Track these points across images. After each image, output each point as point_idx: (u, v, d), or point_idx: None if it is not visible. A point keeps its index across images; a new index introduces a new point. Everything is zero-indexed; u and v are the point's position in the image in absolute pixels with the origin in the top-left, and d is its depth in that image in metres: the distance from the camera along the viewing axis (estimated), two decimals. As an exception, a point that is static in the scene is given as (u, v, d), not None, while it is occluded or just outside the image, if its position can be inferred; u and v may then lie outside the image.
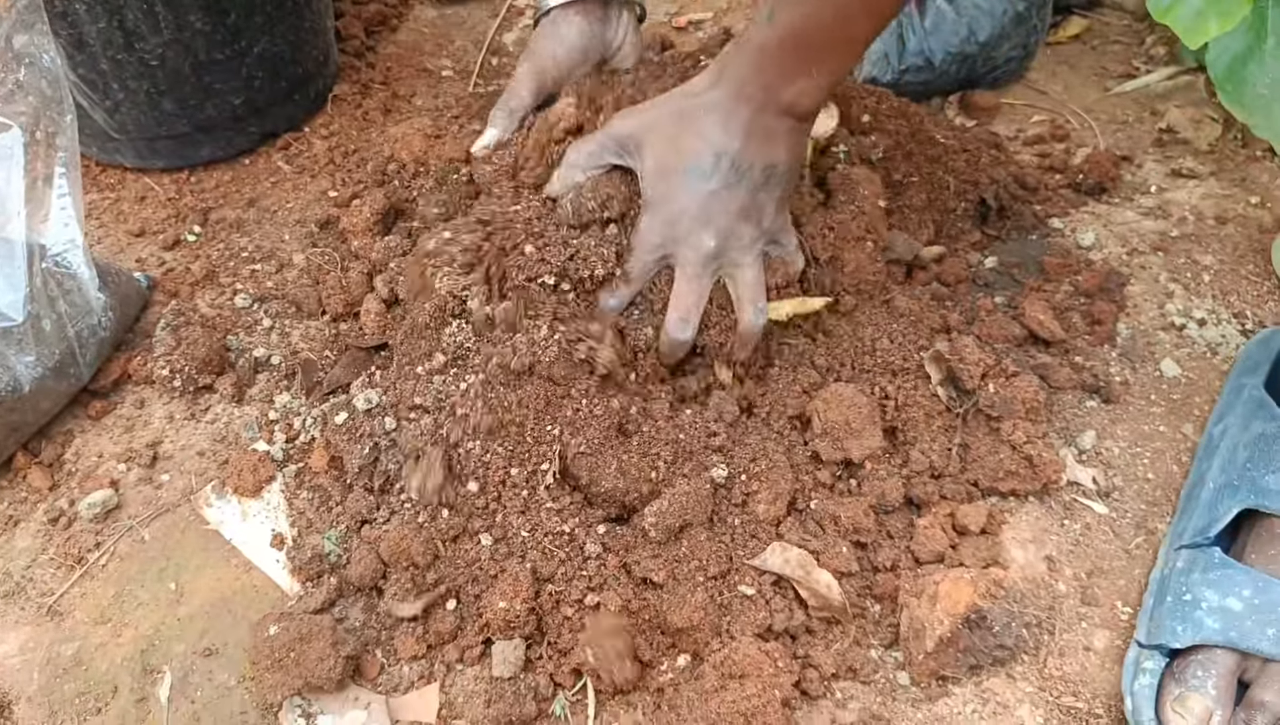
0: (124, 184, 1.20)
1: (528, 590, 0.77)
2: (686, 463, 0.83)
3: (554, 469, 0.80)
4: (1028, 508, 0.86)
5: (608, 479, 0.81)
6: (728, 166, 0.80)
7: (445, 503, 0.80)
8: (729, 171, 0.81)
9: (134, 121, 1.13)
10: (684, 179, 0.81)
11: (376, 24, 1.42)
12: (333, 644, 0.75)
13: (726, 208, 0.82)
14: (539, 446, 0.81)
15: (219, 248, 1.10)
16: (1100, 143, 1.21)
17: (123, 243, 1.13)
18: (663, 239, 0.84)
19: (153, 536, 0.88)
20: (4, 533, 0.88)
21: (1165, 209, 1.12)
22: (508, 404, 0.80)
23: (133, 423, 0.95)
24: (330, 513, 0.86)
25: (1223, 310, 1.01)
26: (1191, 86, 1.28)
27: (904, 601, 0.79)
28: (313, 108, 1.27)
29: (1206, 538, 0.78)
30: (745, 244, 0.83)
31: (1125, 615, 0.80)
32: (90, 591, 0.85)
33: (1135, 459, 0.90)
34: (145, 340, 1.00)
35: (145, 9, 1.04)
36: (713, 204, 0.81)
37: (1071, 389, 0.94)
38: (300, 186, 1.18)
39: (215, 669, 0.80)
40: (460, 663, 0.79)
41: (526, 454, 0.81)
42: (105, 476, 0.91)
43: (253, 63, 1.15)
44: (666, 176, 0.82)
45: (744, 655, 0.73)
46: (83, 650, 0.81)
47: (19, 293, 0.87)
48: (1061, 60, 1.35)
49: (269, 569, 0.85)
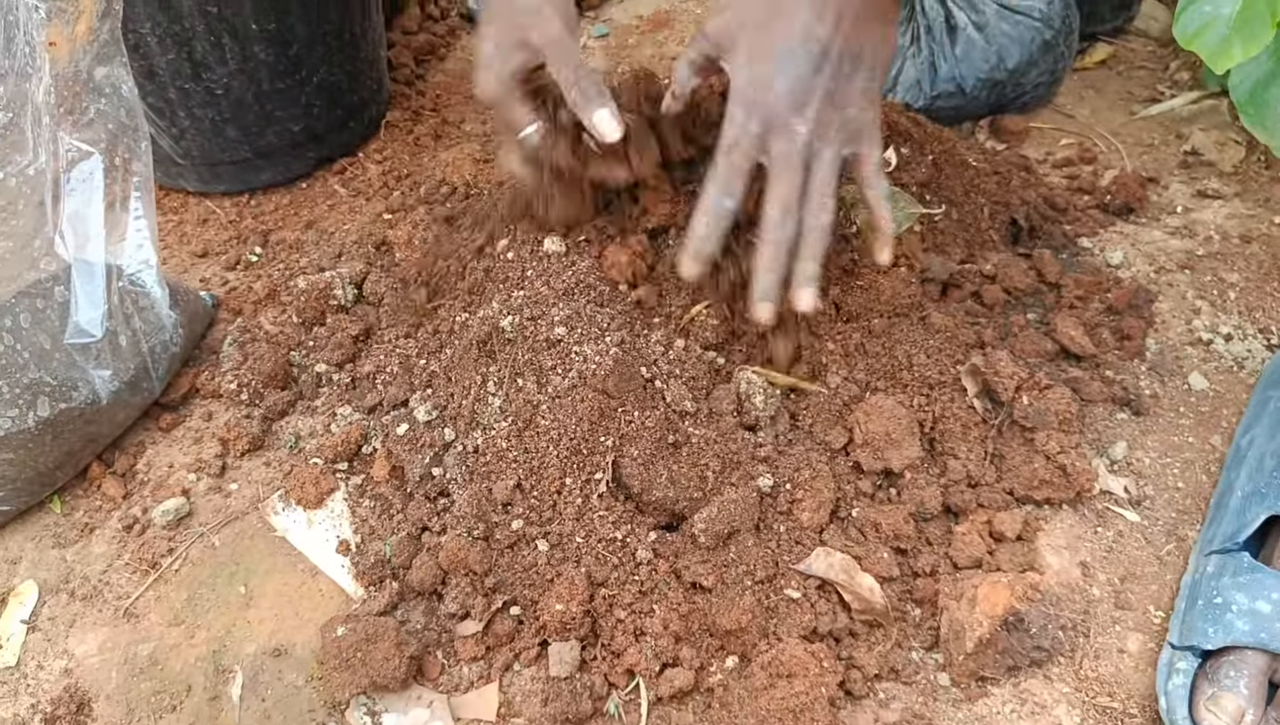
0: (186, 207, 1.25)
1: (583, 594, 0.80)
2: (734, 472, 0.86)
3: (607, 478, 0.84)
4: (1062, 515, 0.89)
5: (659, 488, 0.84)
6: (818, 50, 0.79)
7: (504, 510, 0.84)
8: (819, 55, 0.79)
9: (199, 148, 1.18)
10: (775, 64, 0.80)
11: (426, 53, 1.47)
12: (397, 645, 0.79)
13: (816, 93, 0.80)
14: (593, 457, 0.85)
15: (279, 267, 1.15)
16: (1127, 165, 1.24)
17: (186, 263, 1.18)
18: (759, 129, 0.81)
19: (223, 542, 0.92)
20: (81, 539, 0.93)
21: (1191, 228, 1.15)
22: (565, 416, 0.84)
23: (201, 435, 1.00)
24: (392, 520, 0.90)
25: (1248, 326, 1.04)
26: (1215, 110, 1.31)
27: (944, 605, 0.82)
28: (367, 134, 1.32)
29: (1236, 543, 0.81)
30: (830, 136, 0.82)
31: (1158, 619, 0.83)
32: (164, 595, 0.89)
33: (1165, 469, 0.93)
34: (211, 356, 1.05)
35: (213, 41, 1.09)
36: (803, 89, 0.80)
37: (1103, 402, 0.97)
38: (356, 209, 1.23)
39: (284, 669, 0.83)
40: (518, 663, 0.82)
41: (581, 464, 0.85)
42: (176, 485, 0.95)
43: (312, 91, 1.20)
44: (757, 63, 0.81)
45: (791, 656, 0.76)
46: (158, 650, 0.85)
47: (98, 310, 0.91)
48: (1088, 85, 1.39)
49: (334, 573, 0.89)
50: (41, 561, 0.91)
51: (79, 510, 0.95)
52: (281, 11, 1.12)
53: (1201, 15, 0.99)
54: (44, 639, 0.86)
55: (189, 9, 1.06)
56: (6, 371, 0.86)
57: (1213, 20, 0.98)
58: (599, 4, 1.62)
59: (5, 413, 0.86)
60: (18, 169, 0.84)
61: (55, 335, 0.89)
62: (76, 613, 0.88)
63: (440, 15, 1.56)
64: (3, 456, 0.88)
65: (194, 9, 1.07)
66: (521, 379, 0.87)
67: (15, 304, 0.88)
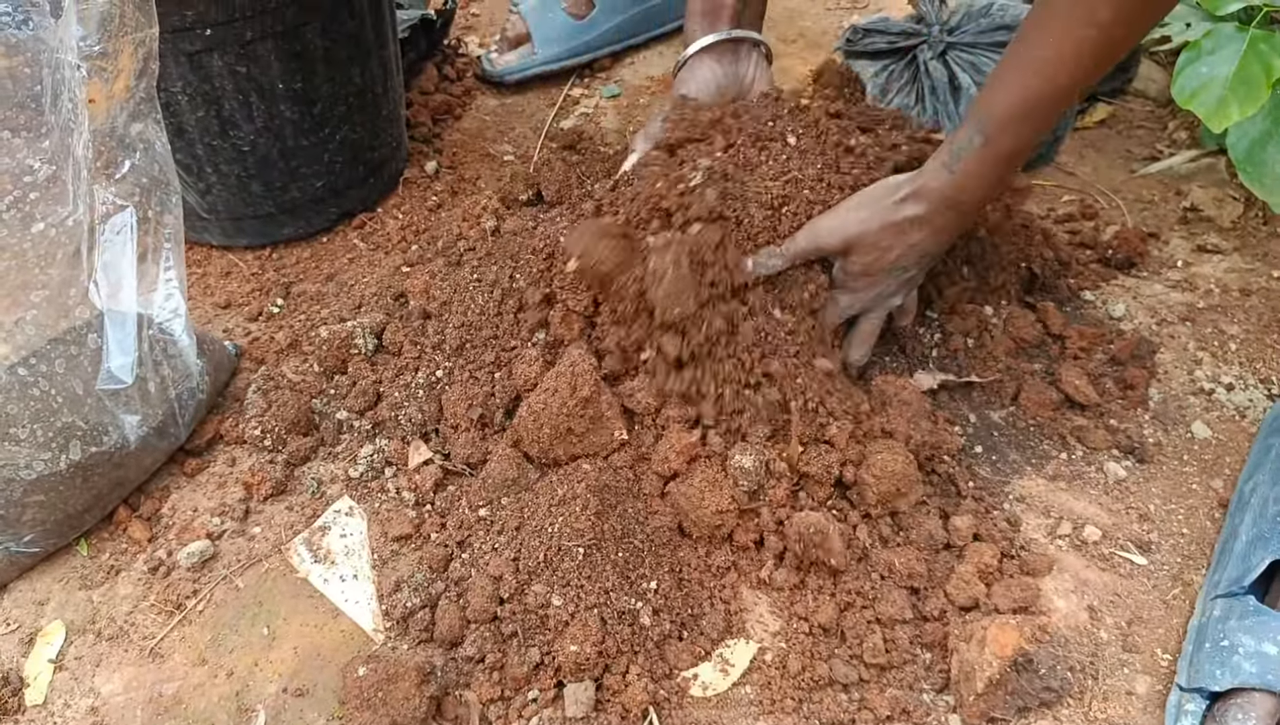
0: (209, 260, 1.28)
1: (596, 634, 0.82)
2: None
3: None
4: (1069, 559, 0.91)
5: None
6: (925, 261, 0.95)
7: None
8: (923, 267, 0.96)
9: (224, 203, 1.22)
10: (887, 275, 0.95)
11: (443, 112, 1.52)
12: (418, 685, 0.80)
13: (908, 287, 0.98)
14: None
15: (300, 318, 1.18)
16: (1128, 220, 1.28)
17: (210, 314, 1.21)
18: (861, 309, 0.99)
19: (246, 584, 0.94)
20: (107, 581, 0.95)
21: (1192, 282, 1.18)
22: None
23: (225, 479, 1.02)
24: (413, 563, 0.92)
25: (1249, 376, 1.06)
26: (1213, 168, 1.35)
27: (954, 646, 0.83)
28: (386, 190, 1.36)
29: (1241, 587, 0.83)
30: (899, 298, 0.99)
31: (1165, 661, 0.84)
32: (188, 635, 0.90)
33: (1170, 515, 0.94)
34: (235, 403, 1.08)
35: (241, 99, 1.13)
36: (903, 288, 0.97)
37: (1107, 449, 0.99)
38: (375, 262, 1.26)
39: (306, 708, 0.85)
40: (534, 704, 0.83)
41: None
42: (201, 529, 0.97)
43: (334, 149, 1.24)
44: (871, 275, 0.95)
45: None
46: (182, 690, 0.87)
47: (129, 357, 0.94)
48: (1089, 144, 1.42)
49: (356, 615, 0.90)
50: (69, 602, 0.93)
51: (105, 553, 0.97)
52: (307, 72, 1.16)
53: (1198, 76, 1.02)
54: (71, 678, 0.88)
55: (219, 69, 1.10)
56: (40, 415, 0.89)
57: (1209, 81, 1.02)
58: (610, 67, 1.66)
59: (39, 455, 0.89)
60: (58, 220, 0.87)
61: (87, 381, 0.92)
62: (103, 653, 0.89)
63: (457, 76, 1.61)
64: (34, 498, 0.90)
65: (223, 69, 1.10)
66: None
67: (50, 350, 0.90)
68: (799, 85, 1.56)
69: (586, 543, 0.86)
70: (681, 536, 0.91)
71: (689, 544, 0.91)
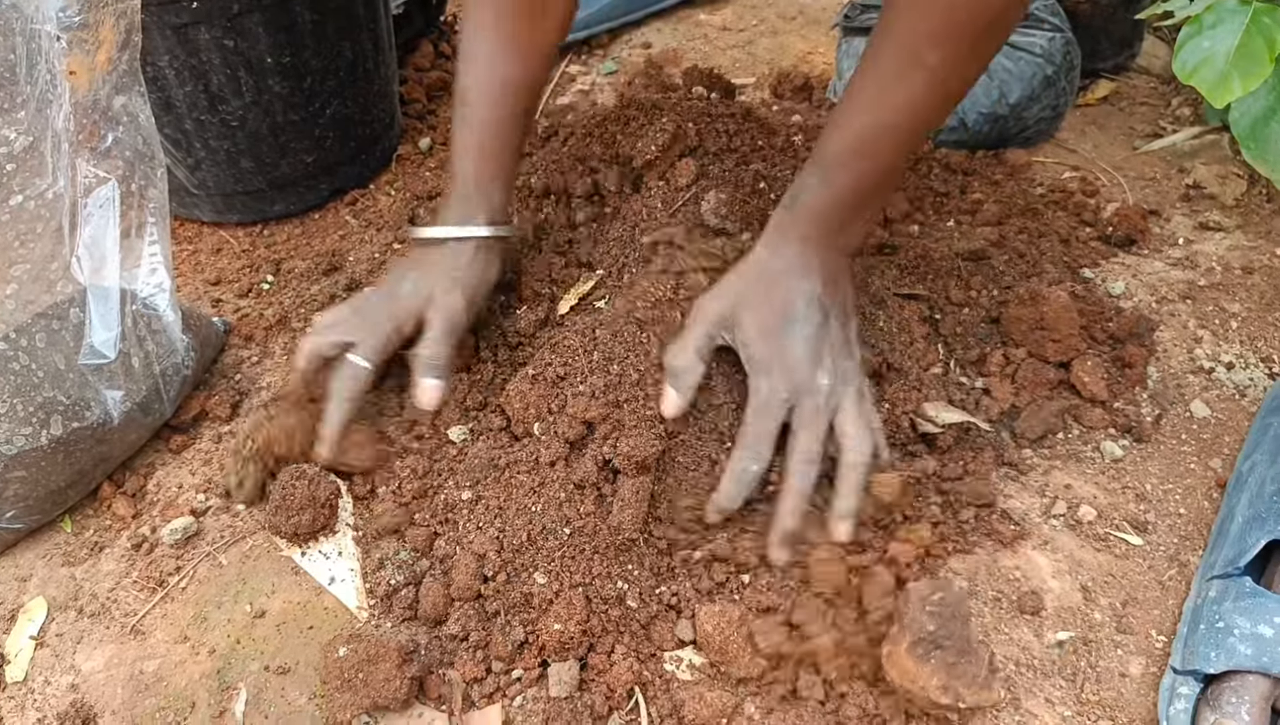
0: (200, 237, 1.27)
1: (581, 613, 0.81)
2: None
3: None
4: (1063, 539, 0.89)
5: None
6: (816, 308, 0.87)
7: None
8: (818, 311, 0.87)
9: (214, 179, 1.21)
10: (786, 331, 0.87)
11: (438, 89, 1.50)
12: (399, 665, 0.79)
13: (827, 345, 0.87)
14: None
15: (290, 295, 1.17)
16: (1129, 198, 1.26)
17: (200, 291, 1.20)
18: (788, 393, 0.86)
19: (230, 562, 0.93)
20: (90, 558, 0.94)
21: (1193, 260, 1.16)
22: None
23: (210, 456, 1.01)
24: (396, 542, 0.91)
25: (1250, 355, 1.04)
26: (1216, 144, 1.33)
27: None
28: (378, 166, 1.35)
29: (1237, 568, 0.81)
30: (850, 377, 0.88)
31: (1160, 643, 0.83)
32: (170, 613, 0.90)
33: (1167, 495, 0.93)
34: (223, 380, 1.07)
35: (229, 74, 1.12)
36: (817, 345, 0.87)
37: (1104, 428, 0.97)
38: (367, 239, 1.25)
39: (288, 686, 0.84)
40: (519, 684, 0.82)
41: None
42: (185, 505, 0.96)
43: (325, 124, 1.22)
44: (770, 335, 0.87)
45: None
46: (163, 667, 0.86)
47: (112, 332, 0.93)
48: (1090, 121, 1.40)
49: (339, 593, 0.89)
50: (51, 579, 0.92)
51: (89, 529, 0.96)
52: (297, 46, 1.15)
53: (1200, 51, 1.00)
54: (52, 655, 0.87)
55: (206, 43, 1.09)
56: (21, 390, 0.88)
57: (1210, 56, 1.00)
58: (608, 44, 1.65)
59: (19, 431, 0.88)
60: (37, 192, 0.86)
61: (69, 356, 0.91)
62: (84, 629, 0.89)
63: (453, 53, 1.59)
64: (15, 474, 0.89)
65: (211, 43, 1.09)
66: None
67: (31, 325, 0.90)
68: (760, 79, 1.54)
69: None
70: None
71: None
